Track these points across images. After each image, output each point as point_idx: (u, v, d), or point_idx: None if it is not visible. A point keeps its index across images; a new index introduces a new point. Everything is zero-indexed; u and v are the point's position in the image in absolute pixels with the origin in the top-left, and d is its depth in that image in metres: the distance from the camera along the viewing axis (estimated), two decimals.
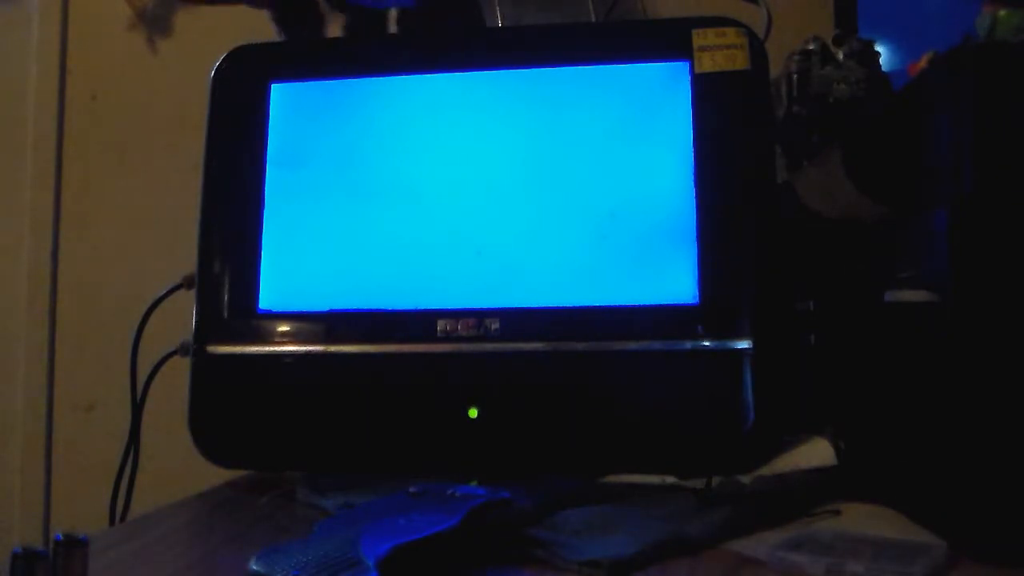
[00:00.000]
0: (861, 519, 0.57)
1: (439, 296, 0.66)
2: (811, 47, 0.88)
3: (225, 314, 0.69)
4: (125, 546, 0.56)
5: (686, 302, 0.64)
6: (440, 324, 0.65)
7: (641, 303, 0.64)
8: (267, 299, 0.69)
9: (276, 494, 0.65)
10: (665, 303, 0.64)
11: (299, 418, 0.67)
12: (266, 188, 0.70)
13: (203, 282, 0.70)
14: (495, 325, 0.65)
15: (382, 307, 0.67)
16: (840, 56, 0.88)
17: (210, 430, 0.69)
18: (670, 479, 0.66)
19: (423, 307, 0.66)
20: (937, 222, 0.54)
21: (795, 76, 0.87)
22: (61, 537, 0.38)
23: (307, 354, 0.67)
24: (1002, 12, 0.78)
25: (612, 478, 0.67)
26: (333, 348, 0.67)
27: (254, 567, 0.42)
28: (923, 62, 0.83)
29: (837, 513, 0.58)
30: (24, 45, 1.52)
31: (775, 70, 0.74)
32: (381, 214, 0.69)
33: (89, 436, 1.49)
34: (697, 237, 0.64)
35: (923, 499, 0.55)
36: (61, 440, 1.53)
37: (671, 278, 0.64)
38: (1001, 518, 0.49)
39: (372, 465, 0.67)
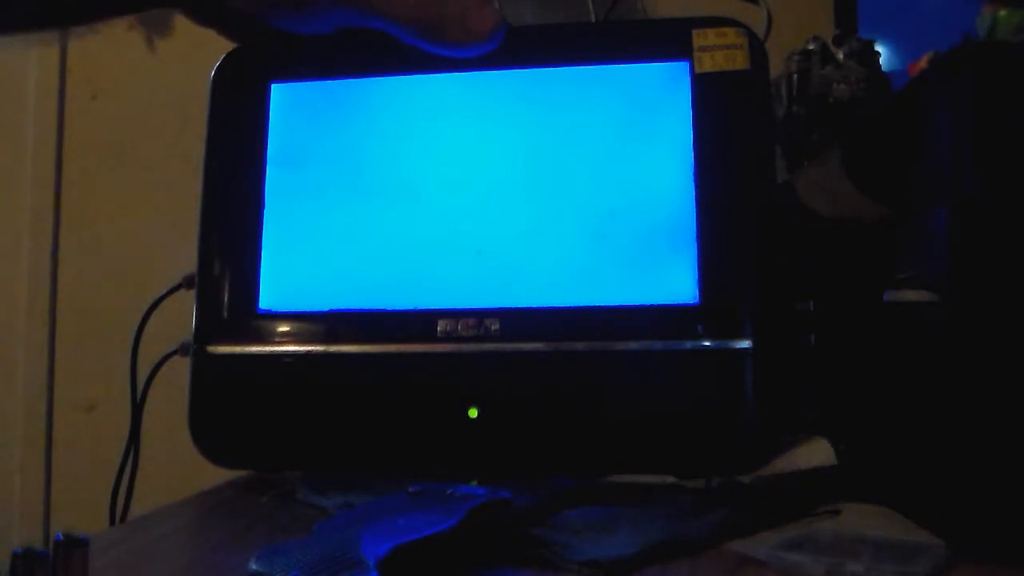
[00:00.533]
0: (861, 519, 0.57)
1: (439, 296, 0.67)
2: (811, 47, 0.88)
3: (225, 314, 0.69)
4: (125, 546, 0.56)
5: (686, 302, 0.64)
6: (440, 324, 0.65)
7: (641, 303, 0.64)
8: (267, 299, 0.69)
9: (276, 494, 0.65)
10: (665, 303, 0.64)
11: (299, 418, 0.67)
12: (266, 188, 0.70)
13: (203, 282, 0.70)
14: (495, 325, 0.65)
15: (382, 307, 0.67)
16: (840, 56, 0.88)
17: (210, 430, 0.69)
18: (670, 479, 0.66)
19: (423, 307, 0.66)
20: (937, 222, 0.54)
21: (795, 76, 0.88)
22: (61, 537, 0.38)
23: (307, 354, 0.67)
24: (1002, 12, 0.78)
25: (612, 478, 0.67)
26: (333, 348, 0.67)
27: (254, 567, 0.42)
28: (923, 62, 0.83)
29: (837, 513, 0.58)
30: (24, 45, 1.52)
31: (775, 70, 0.73)
32: (381, 214, 0.69)
33: (89, 436, 1.49)
34: (697, 237, 0.64)
35: (923, 499, 0.55)
36: (61, 440, 1.53)
37: (671, 278, 0.64)
38: (1001, 518, 0.49)
39: (372, 465, 0.67)
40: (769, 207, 0.66)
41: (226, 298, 0.69)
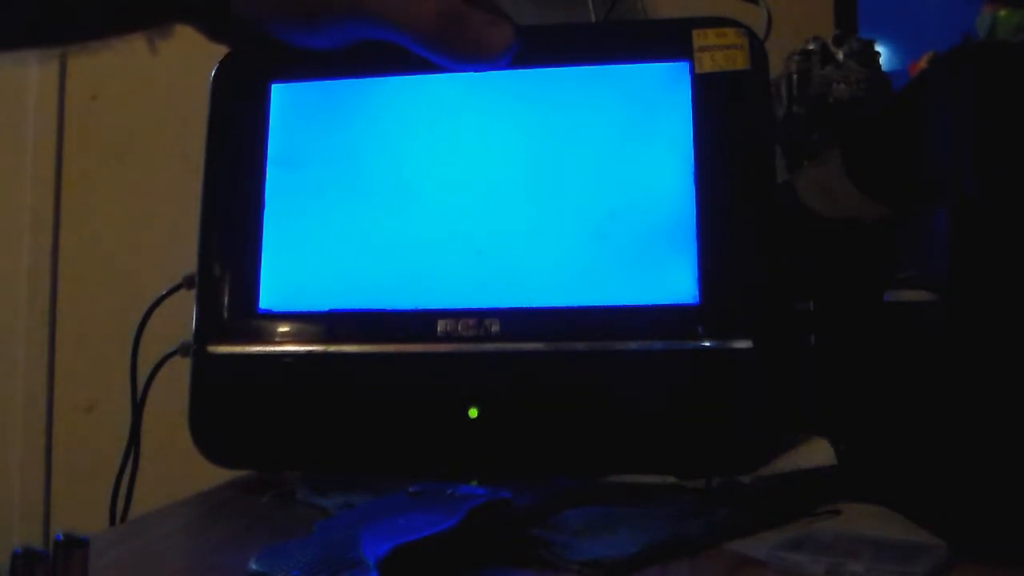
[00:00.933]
0: (861, 519, 0.57)
1: (439, 296, 0.67)
2: (811, 47, 0.88)
3: (225, 314, 0.69)
4: (125, 546, 0.56)
5: (686, 302, 0.64)
6: (440, 324, 0.65)
7: (641, 303, 0.64)
8: (267, 299, 0.69)
9: (276, 494, 0.65)
10: (665, 303, 0.64)
11: (299, 418, 0.67)
12: (266, 188, 0.70)
13: (203, 282, 0.70)
14: (495, 325, 0.65)
15: (382, 307, 0.67)
16: (840, 56, 0.88)
17: (210, 430, 0.69)
18: (670, 479, 0.66)
19: (423, 307, 0.66)
20: (937, 222, 0.54)
21: (795, 76, 0.87)
22: (61, 537, 0.38)
23: (307, 354, 0.67)
24: (1002, 12, 0.78)
25: (612, 478, 0.67)
26: (333, 348, 0.67)
27: (254, 567, 0.42)
28: (923, 62, 0.83)
29: (837, 513, 0.58)
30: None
31: (775, 70, 0.73)
32: (381, 214, 0.69)
33: (89, 436, 1.49)
34: (697, 237, 0.64)
35: (923, 499, 0.55)
36: (61, 440, 1.53)
37: (671, 278, 0.64)
38: (1001, 518, 0.49)
39: (372, 465, 0.67)
40: (769, 207, 0.66)
41: (226, 298, 0.69)
